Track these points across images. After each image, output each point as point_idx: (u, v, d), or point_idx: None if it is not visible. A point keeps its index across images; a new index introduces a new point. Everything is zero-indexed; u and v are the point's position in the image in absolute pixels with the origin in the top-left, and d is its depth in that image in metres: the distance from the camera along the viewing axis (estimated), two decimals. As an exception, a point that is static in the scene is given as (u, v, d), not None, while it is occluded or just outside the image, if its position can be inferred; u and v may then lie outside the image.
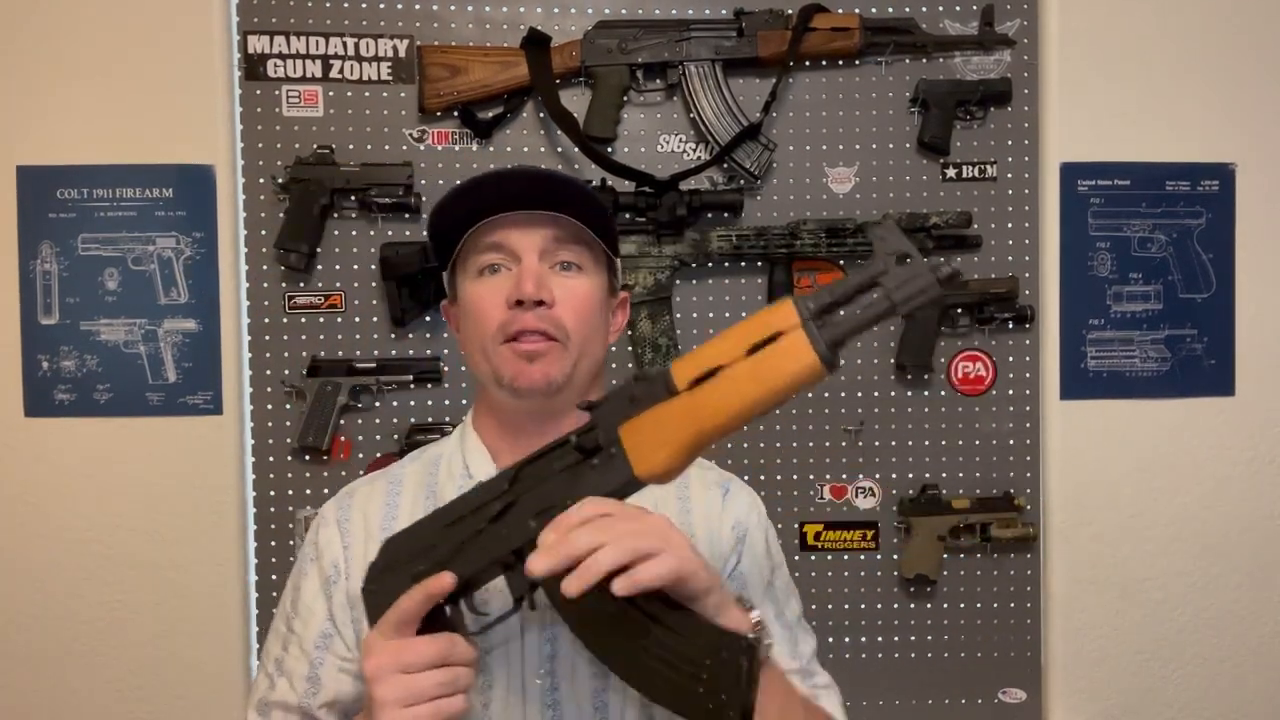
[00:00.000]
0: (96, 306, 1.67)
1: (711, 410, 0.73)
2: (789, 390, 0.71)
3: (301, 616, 0.98)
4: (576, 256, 0.97)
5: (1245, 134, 1.76)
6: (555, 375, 0.94)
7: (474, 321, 0.97)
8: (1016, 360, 1.75)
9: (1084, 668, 1.76)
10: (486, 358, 0.96)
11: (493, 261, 0.96)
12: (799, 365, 0.70)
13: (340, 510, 1.02)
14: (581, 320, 0.96)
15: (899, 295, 0.67)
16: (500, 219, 0.95)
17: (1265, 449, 1.78)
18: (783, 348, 0.70)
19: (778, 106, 1.70)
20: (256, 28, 1.67)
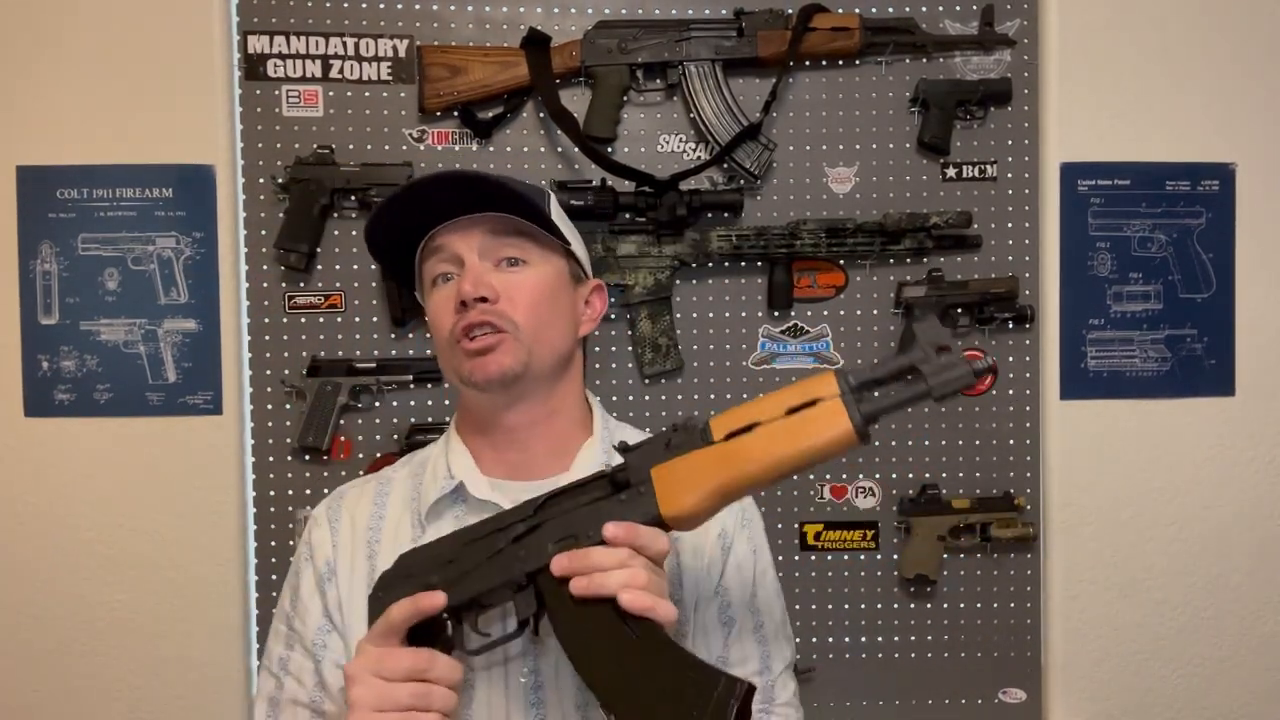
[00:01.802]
0: (96, 306, 1.67)
1: (743, 461, 0.76)
2: (820, 453, 0.75)
3: (300, 615, 0.99)
4: (519, 250, 0.99)
5: (1245, 134, 1.76)
6: (509, 364, 0.96)
7: (434, 329, 1.01)
8: (1016, 360, 1.75)
9: (1084, 668, 1.76)
10: (449, 360, 1.00)
11: (443, 270, 0.99)
12: (833, 431, 0.74)
13: (331, 511, 1.04)
14: (529, 310, 0.98)
15: (936, 382, 0.73)
16: (441, 228, 0.99)
17: (1265, 449, 1.78)
18: (819, 413, 0.75)
19: (778, 106, 1.70)
20: (256, 28, 1.67)
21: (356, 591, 0.98)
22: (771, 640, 1.02)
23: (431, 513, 1.00)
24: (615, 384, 1.72)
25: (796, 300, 1.73)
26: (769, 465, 0.76)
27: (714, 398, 1.73)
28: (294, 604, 1.01)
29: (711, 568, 1.02)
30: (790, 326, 1.74)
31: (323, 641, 0.98)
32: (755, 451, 0.76)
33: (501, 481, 1.01)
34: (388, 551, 0.98)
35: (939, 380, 0.73)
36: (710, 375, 1.73)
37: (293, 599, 1.01)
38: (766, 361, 1.74)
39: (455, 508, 1.00)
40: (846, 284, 1.74)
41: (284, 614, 1.02)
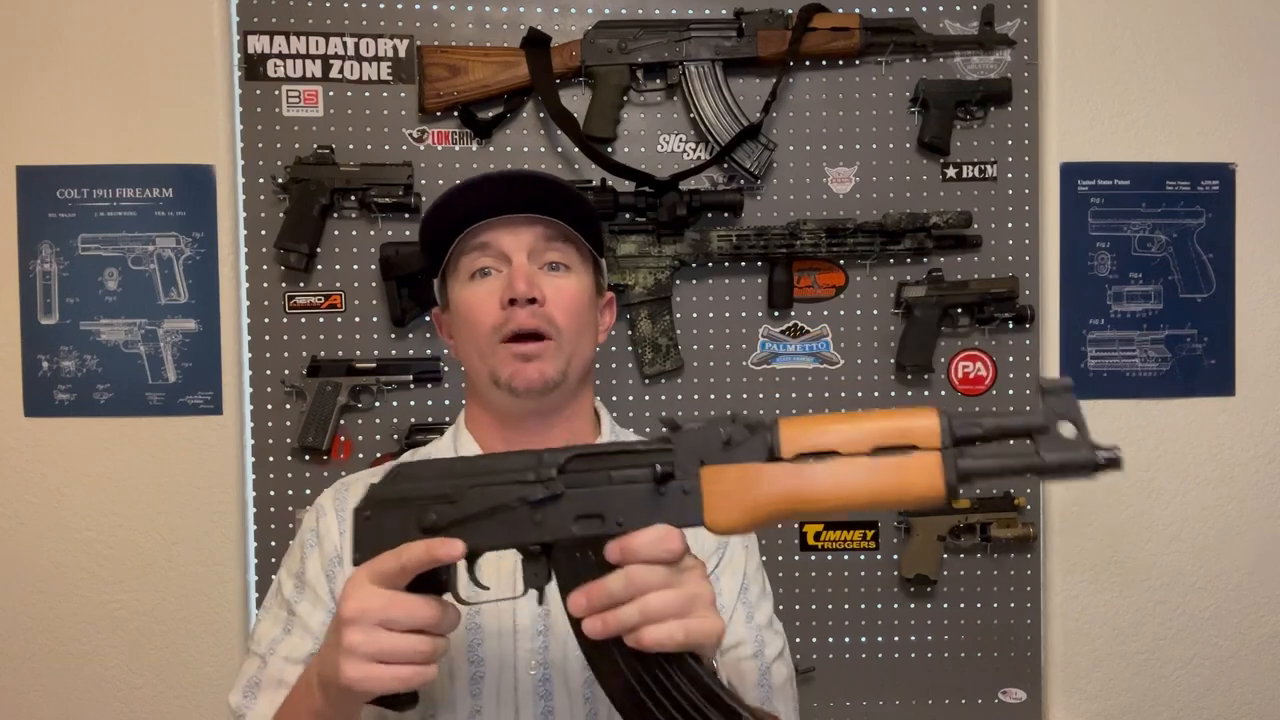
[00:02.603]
0: (96, 306, 1.67)
1: (811, 491, 0.68)
2: (900, 504, 0.68)
3: (308, 599, 0.99)
4: (564, 256, 0.99)
5: (1245, 134, 1.76)
6: (551, 374, 0.97)
7: (468, 324, 0.99)
8: (1016, 360, 1.75)
9: (1084, 668, 1.76)
10: (483, 358, 0.98)
11: (483, 265, 0.98)
12: (923, 488, 0.66)
13: (338, 499, 1.04)
14: (572, 317, 0.99)
15: (1051, 460, 0.65)
16: (487, 222, 0.97)
17: (1265, 449, 1.78)
18: (914, 464, 0.67)
19: (778, 106, 1.70)
20: (256, 28, 1.67)
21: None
22: (764, 629, 1.02)
23: None
24: (615, 384, 1.72)
25: (796, 300, 1.73)
26: (837, 503, 0.68)
27: (714, 398, 1.73)
28: (299, 589, 1.00)
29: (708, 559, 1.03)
30: (790, 326, 1.74)
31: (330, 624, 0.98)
32: (827, 485, 0.68)
33: None
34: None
35: (1055, 459, 0.64)
36: (710, 375, 1.73)
37: (297, 584, 1.00)
38: (766, 361, 1.74)
39: None
40: (846, 284, 1.74)
41: (282, 599, 1.00)
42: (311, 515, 1.05)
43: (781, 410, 1.73)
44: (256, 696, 0.97)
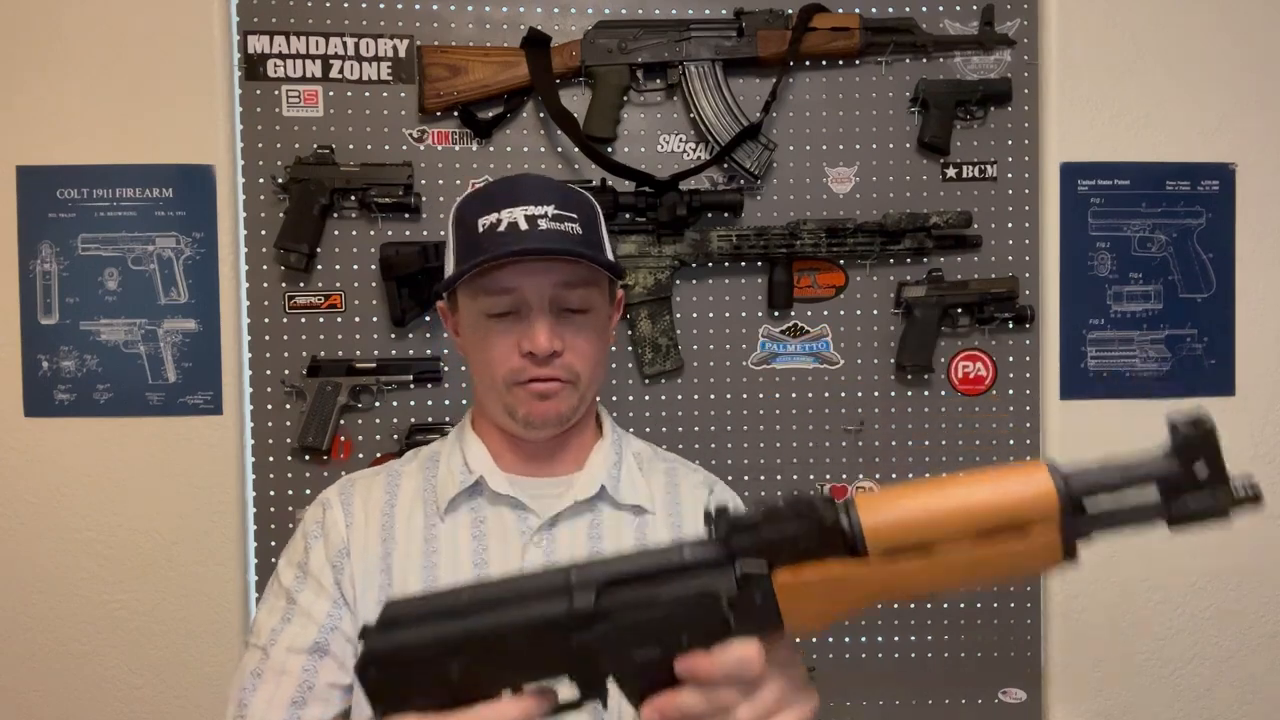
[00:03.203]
0: (96, 306, 1.67)
1: (909, 589, 0.59)
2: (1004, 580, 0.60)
3: (310, 588, 0.99)
4: (583, 300, 1.00)
5: (1245, 134, 1.76)
6: (566, 411, 1.00)
7: (484, 362, 1.00)
8: (1016, 360, 1.75)
9: (1084, 668, 1.76)
10: (498, 394, 1.00)
11: (504, 309, 0.98)
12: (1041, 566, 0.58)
13: (343, 494, 1.05)
14: (590, 362, 1.01)
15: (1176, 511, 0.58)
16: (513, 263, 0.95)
17: (1265, 449, 1.78)
18: (1028, 549, 0.57)
19: (778, 106, 1.70)
20: (256, 28, 1.67)
21: (371, 572, 0.99)
22: None
23: (450, 506, 1.02)
24: (615, 384, 1.72)
25: (796, 300, 1.73)
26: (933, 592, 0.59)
27: (714, 398, 1.73)
28: (300, 578, 1.00)
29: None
30: (790, 326, 1.74)
31: (338, 614, 0.98)
32: (922, 583, 0.58)
33: (519, 478, 1.04)
34: (402, 538, 1.01)
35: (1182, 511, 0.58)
36: (710, 375, 1.73)
37: (298, 574, 1.00)
38: (766, 361, 1.74)
39: (472, 500, 1.03)
40: (846, 284, 1.74)
41: (281, 588, 1.01)
42: (317, 508, 1.05)
43: (782, 411, 1.73)
44: (256, 689, 0.97)
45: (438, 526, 1.02)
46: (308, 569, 1.00)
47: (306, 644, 0.97)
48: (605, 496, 1.04)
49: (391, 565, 0.99)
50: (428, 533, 1.01)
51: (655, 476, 1.09)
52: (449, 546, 1.01)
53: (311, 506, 1.06)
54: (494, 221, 0.97)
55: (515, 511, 1.02)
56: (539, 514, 1.01)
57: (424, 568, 0.99)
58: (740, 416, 1.73)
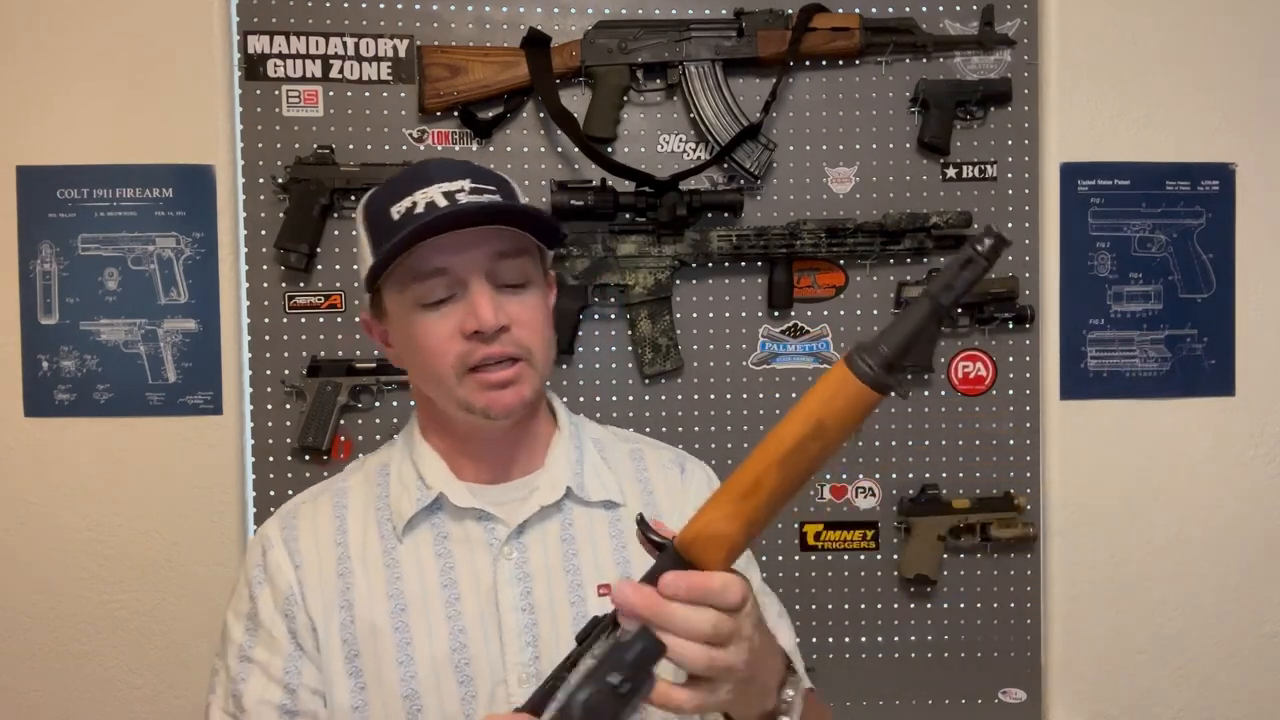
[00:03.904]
0: (96, 306, 1.67)
1: (751, 457, 0.67)
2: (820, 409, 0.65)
3: (263, 643, 0.94)
4: (521, 272, 0.93)
5: (1245, 134, 1.76)
6: (528, 394, 0.93)
7: (425, 355, 0.92)
8: (1016, 360, 1.75)
9: (1084, 668, 1.76)
10: (447, 390, 0.92)
11: (440, 295, 0.90)
12: (829, 382, 0.65)
13: (285, 530, 0.98)
14: (539, 334, 0.94)
15: (939, 285, 0.65)
16: (435, 243, 0.88)
17: (1265, 449, 1.78)
18: (821, 378, 0.66)
19: (778, 106, 1.70)
20: (256, 28, 1.67)
21: (331, 609, 0.94)
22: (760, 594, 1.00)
23: (408, 526, 0.96)
24: (615, 384, 1.72)
25: (796, 300, 1.73)
26: (773, 447, 0.65)
27: (714, 398, 1.73)
28: (251, 631, 0.94)
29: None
30: (790, 326, 1.74)
31: (295, 668, 0.93)
32: (763, 443, 0.66)
33: (480, 487, 0.98)
34: (359, 568, 0.95)
35: (940, 282, 0.65)
36: (710, 375, 1.73)
37: (248, 627, 0.95)
38: (766, 361, 1.74)
39: (433, 517, 0.97)
40: (846, 284, 1.74)
41: (235, 648, 0.95)
42: (256, 550, 0.98)
43: (782, 411, 1.73)
44: None
45: (397, 549, 0.95)
46: (257, 619, 0.94)
47: (275, 700, 0.92)
48: (572, 496, 0.98)
49: (353, 600, 0.94)
50: (387, 558, 0.95)
51: (620, 462, 1.04)
52: (413, 570, 0.95)
53: (251, 547, 0.99)
54: (409, 205, 0.90)
55: (481, 523, 0.96)
56: (506, 522, 0.95)
57: (389, 596, 0.94)
58: (740, 416, 1.73)
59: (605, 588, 0.95)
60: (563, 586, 0.95)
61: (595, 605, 0.95)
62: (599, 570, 0.97)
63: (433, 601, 0.94)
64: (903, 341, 0.64)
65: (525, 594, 0.94)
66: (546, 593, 0.95)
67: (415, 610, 0.94)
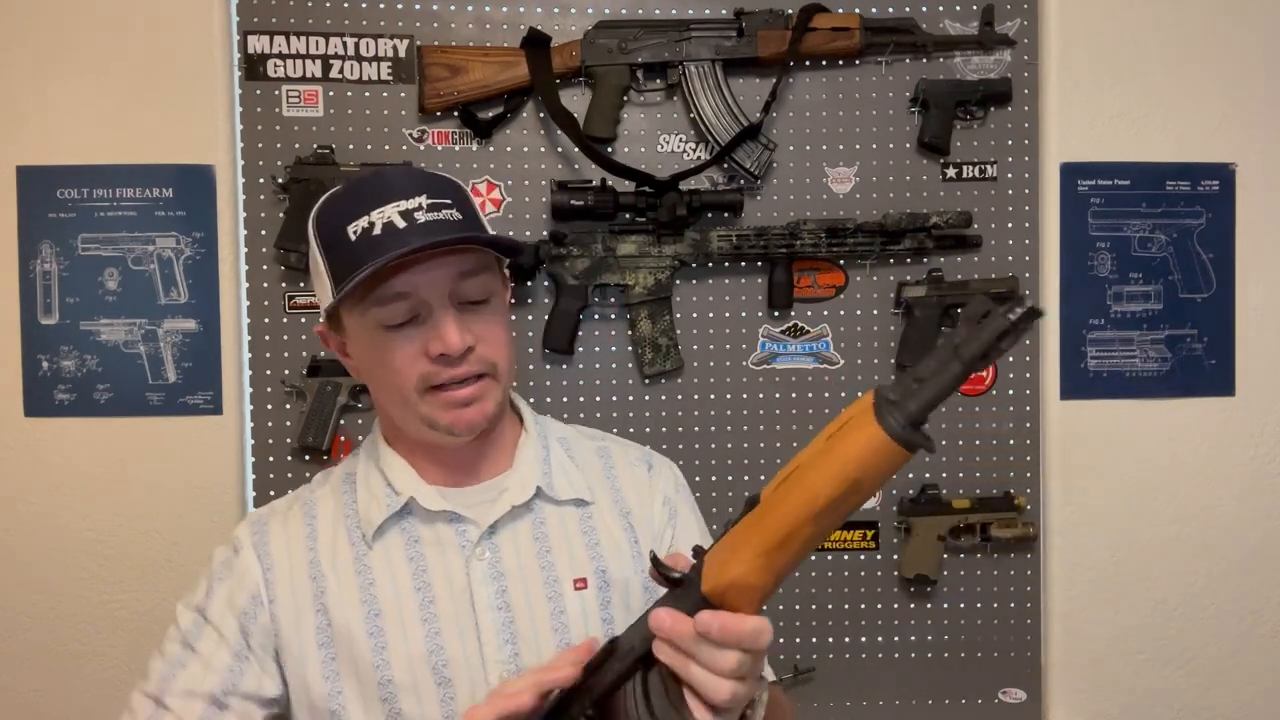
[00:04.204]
0: (96, 306, 1.67)
1: (778, 507, 0.67)
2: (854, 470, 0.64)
3: (209, 637, 0.94)
4: (483, 289, 0.93)
5: (1245, 134, 1.76)
6: (491, 409, 0.94)
7: (389, 374, 0.92)
8: (1016, 360, 1.75)
9: (1084, 668, 1.76)
10: (411, 408, 0.93)
11: (403, 318, 0.90)
12: (861, 440, 0.63)
13: (256, 535, 0.98)
14: (503, 351, 0.95)
15: (970, 350, 0.62)
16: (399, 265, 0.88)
17: (1265, 449, 1.78)
18: (849, 428, 0.64)
19: (778, 106, 1.70)
20: (256, 28, 1.67)
21: (305, 612, 0.94)
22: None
23: (377, 532, 0.97)
24: (615, 384, 1.72)
25: (796, 300, 1.73)
26: (804, 501, 0.65)
27: (714, 398, 1.73)
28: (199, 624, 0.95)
29: (660, 531, 1.04)
30: (790, 326, 1.74)
31: (239, 668, 0.93)
32: (790, 493, 0.66)
33: (449, 490, 0.99)
34: (331, 574, 0.95)
35: (972, 347, 0.61)
36: (710, 375, 1.73)
37: (196, 619, 0.95)
38: (766, 361, 1.74)
39: (403, 522, 0.98)
40: (846, 284, 1.74)
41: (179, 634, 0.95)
42: (227, 550, 0.98)
43: (782, 411, 1.73)
44: None
45: (368, 555, 0.96)
46: (207, 615, 0.94)
47: (205, 691, 0.91)
48: (542, 495, 1.00)
49: (328, 604, 0.94)
50: (358, 564, 0.96)
51: (588, 460, 1.05)
52: (385, 574, 0.95)
53: (220, 546, 1.00)
54: (366, 226, 0.88)
55: (452, 525, 0.96)
56: (477, 523, 0.96)
57: (362, 601, 0.94)
58: (740, 416, 1.73)
59: (581, 582, 0.97)
60: (539, 583, 0.97)
61: (572, 600, 0.97)
62: (574, 566, 0.98)
63: (407, 604, 0.94)
64: (932, 403, 0.63)
65: (500, 592, 0.95)
66: (523, 591, 0.96)
67: (389, 614, 0.94)
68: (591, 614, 0.97)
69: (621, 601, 0.98)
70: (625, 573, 0.99)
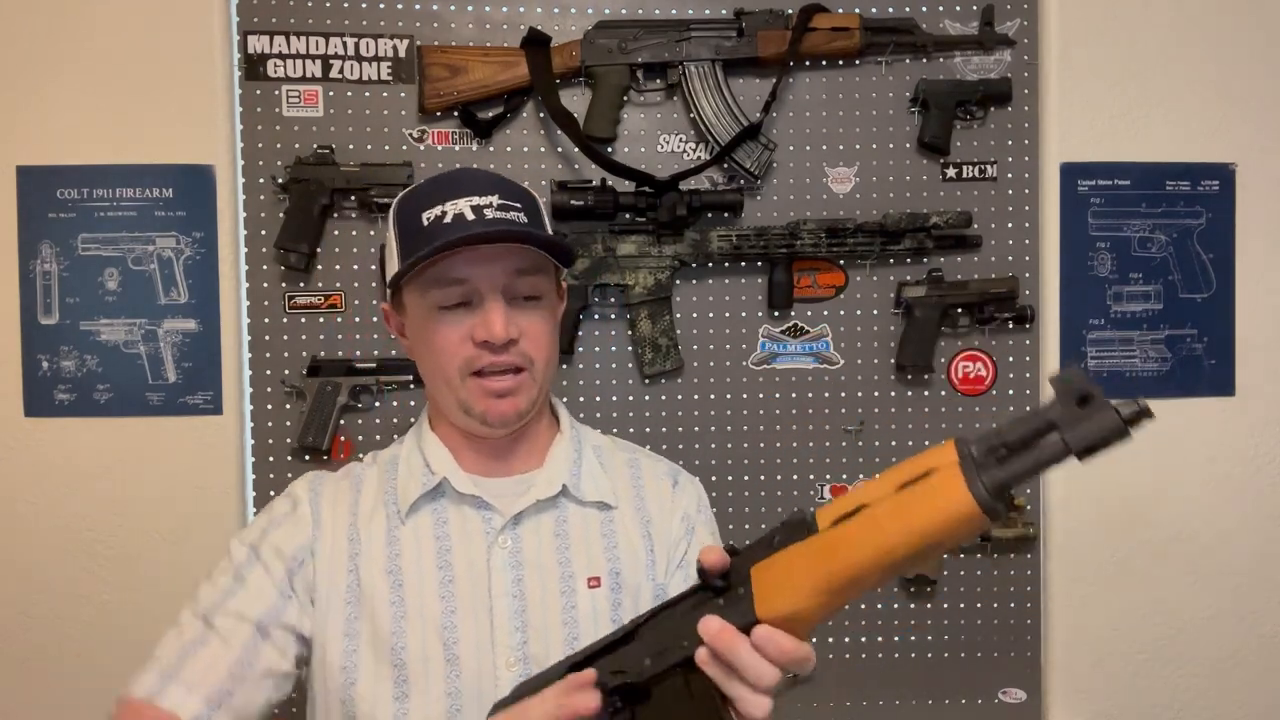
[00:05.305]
0: (96, 306, 1.67)
1: (846, 549, 0.65)
2: (936, 532, 0.62)
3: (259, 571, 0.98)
4: (535, 287, 0.99)
5: (1245, 134, 1.76)
6: (524, 406, 1.00)
7: (435, 354, 0.99)
8: (1016, 360, 1.75)
9: (1084, 668, 1.76)
10: (452, 389, 0.99)
11: (456, 300, 0.97)
12: (948, 502, 0.61)
13: (313, 491, 1.05)
14: (544, 349, 1.00)
15: (1074, 437, 0.61)
16: (461, 254, 0.95)
17: (1265, 449, 1.78)
18: (933, 484, 0.62)
19: (778, 106, 1.70)
20: (256, 28, 1.67)
21: (339, 572, 1.00)
22: None
23: (411, 508, 1.02)
24: (615, 384, 1.72)
25: (796, 300, 1.73)
26: (878, 552, 0.64)
27: (714, 398, 1.73)
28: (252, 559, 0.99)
29: (675, 545, 1.06)
30: (790, 326, 1.74)
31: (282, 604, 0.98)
32: (861, 537, 0.65)
33: (481, 479, 1.04)
34: (366, 541, 1.01)
35: (1078, 434, 0.60)
36: (710, 375, 1.73)
37: (250, 554, 1.00)
38: (766, 361, 1.74)
39: (435, 502, 1.03)
40: (846, 284, 1.74)
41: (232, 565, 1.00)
42: (286, 500, 1.04)
43: (782, 411, 1.73)
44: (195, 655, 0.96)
45: (399, 529, 1.02)
46: (260, 552, 1.00)
47: (252, 616, 0.96)
48: (568, 494, 1.04)
49: (359, 567, 1.00)
50: (389, 536, 1.01)
51: (618, 470, 1.10)
52: (412, 549, 1.01)
53: (281, 497, 1.06)
54: (439, 214, 0.96)
55: (479, 511, 1.02)
56: (502, 513, 1.01)
57: (388, 571, 1.00)
58: (740, 416, 1.73)
59: (595, 581, 1.01)
60: (554, 577, 1.01)
61: (584, 597, 1.00)
62: (590, 565, 1.02)
63: (428, 581, 0.99)
64: (1023, 477, 0.62)
65: (517, 581, 1.00)
66: (539, 582, 1.00)
67: (410, 587, 0.99)
68: (602, 613, 1.00)
69: (632, 605, 1.01)
70: (639, 578, 1.03)
